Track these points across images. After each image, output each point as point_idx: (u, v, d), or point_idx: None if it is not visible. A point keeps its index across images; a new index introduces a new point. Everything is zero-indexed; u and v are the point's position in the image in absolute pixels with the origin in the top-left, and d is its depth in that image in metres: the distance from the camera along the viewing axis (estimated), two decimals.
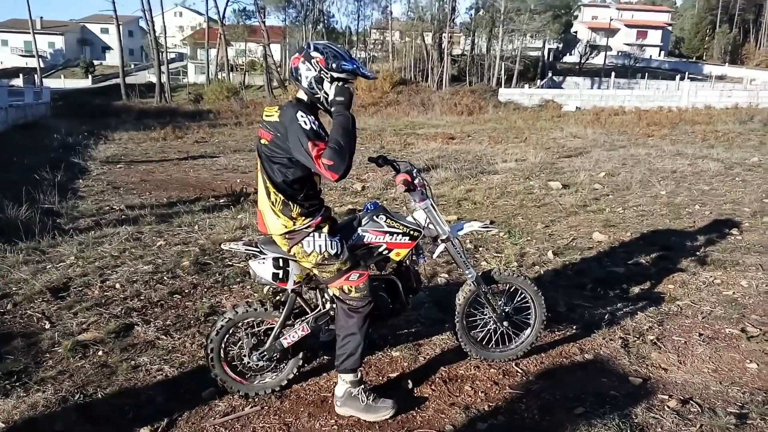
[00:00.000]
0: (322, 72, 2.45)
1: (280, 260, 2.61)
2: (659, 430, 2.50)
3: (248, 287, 4.29)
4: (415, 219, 2.81)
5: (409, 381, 2.93)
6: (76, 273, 4.49)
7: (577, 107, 28.49)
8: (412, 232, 2.74)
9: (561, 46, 60.65)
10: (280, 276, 2.63)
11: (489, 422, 2.60)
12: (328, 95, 2.48)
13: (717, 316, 3.77)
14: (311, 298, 2.88)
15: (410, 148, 13.88)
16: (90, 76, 56.40)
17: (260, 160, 2.52)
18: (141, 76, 53.53)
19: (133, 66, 59.90)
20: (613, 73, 37.64)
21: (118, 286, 4.25)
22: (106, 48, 67.12)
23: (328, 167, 2.27)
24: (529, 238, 5.73)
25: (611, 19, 61.40)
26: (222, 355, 2.73)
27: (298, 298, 2.81)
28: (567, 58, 60.44)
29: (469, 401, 2.78)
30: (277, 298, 2.87)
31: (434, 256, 2.94)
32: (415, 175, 2.72)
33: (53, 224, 5.91)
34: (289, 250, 2.57)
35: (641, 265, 4.83)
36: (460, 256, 2.93)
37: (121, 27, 42.44)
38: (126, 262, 4.76)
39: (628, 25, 68.70)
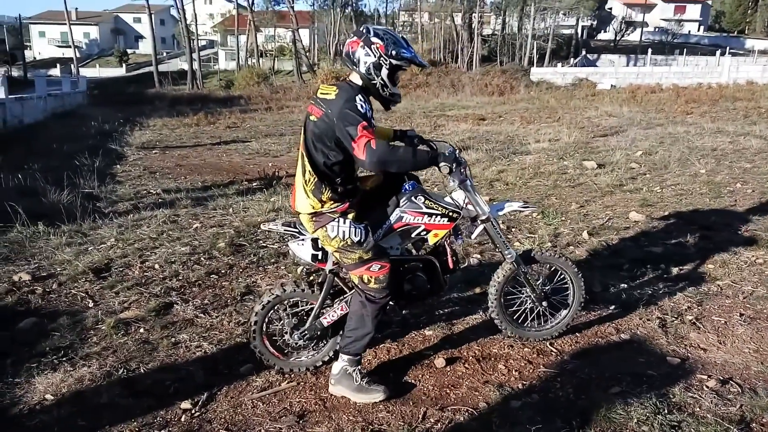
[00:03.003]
0: (381, 58, 2.44)
1: (319, 241, 2.63)
2: (697, 409, 2.46)
3: (282, 267, 4.36)
4: (453, 200, 2.78)
5: (443, 358, 2.94)
6: (116, 254, 4.62)
7: (612, 85, 27.75)
8: (451, 213, 2.71)
9: (595, 23, 58.93)
10: (319, 257, 2.67)
11: (523, 400, 2.59)
12: (384, 82, 2.48)
13: (759, 296, 3.66)
14: (349, 279, 2.92)
15: (440, 130, 13.76)
16: (124, 65, 57.50)
17: (304, 137, 2.51)
18: (173, 64, 54.31)
19: (165, 54, 60.75)
20: (649, 50, 36.48)
21: (157, 266, 4.36)
22: (139, 37, 68.27)
23: (369, 151, 2.27)
24: (563, 218, 5.64)
25: None
26: (264, 330, 2.79)
27: (336, 279, 2.82)
28: (601, 36, 58.80)
29: (503, 379, 2.78)
30: (311, 278, 2.90)
31: (473, 236, 2.89)
32: (456, 156, 2.67)
33: (93, 208, 6.08)
34: (313, 232, 2.59)
35: (680, 244, 4.71)
36: (500, 236, 2.89)
37: (152, 16, 42.96)
38: (164, 244, 4.88)
39: (665, 0, 66.26)
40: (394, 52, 2.44)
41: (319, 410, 2.56)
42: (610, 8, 61.59)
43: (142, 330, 3.35)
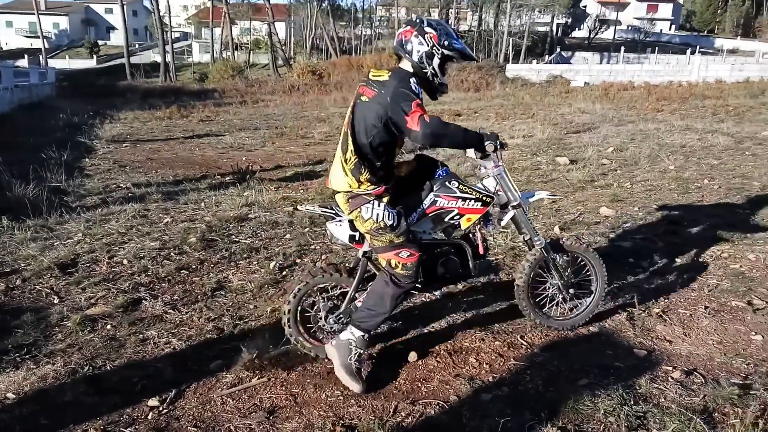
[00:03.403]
0: (434, 48, 2.54)
1: (342, 225, 2.74)
2: (662, 400, 2.51)
3: (255, 263, 4.31)
4: (484, 186, 2.85)
5: (415, 353, 2.95)
6: (83, 249, 4.52)
7: (585, 83, 28.11)
8: (484, 198, 2.78)
9: (570, 20, 59.68)
10: (356, 238, 2.74)
11: (493, 393, 2.61)
12: (435, 71, 2.58)
13: (723, 289, 3.75)
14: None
15: None
16: (95, 57, 56.21)
17: (352, 117, 2.57)
18: (146, 56, 53.31)
19: (137, 46, 59.59)
20: (622, 48, 37.05)
21: (125, 261, 4.28)
22: (111, 28, 66.80)
23: (423, 123, 2.37)
24: (536, 213, 5.69)
25: None
26: (298, 318, 2.86)
27: (369, 263, 2.87)
28: (576, 33, 59.56)
29: (474, 373, 2.80)
30: (339, 262, 3.04)
31: (503, 222, 2.96)
32: (500, 140, 2.72)
33: (60, 202, 5.93)
34: (349, 213, 2.66)
35: (648, 239, 4.79)
36: (529, 223, 2.98)
37: (125, 7, 42.08)
38: (133, 239, 4.79)
39: None
40: (446, 42, 2.54)
41: (289, 406, 2.54)
42: (585, 6, 62.39)
43: (109, 326, 3.28)
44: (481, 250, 2.87)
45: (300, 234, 4.97)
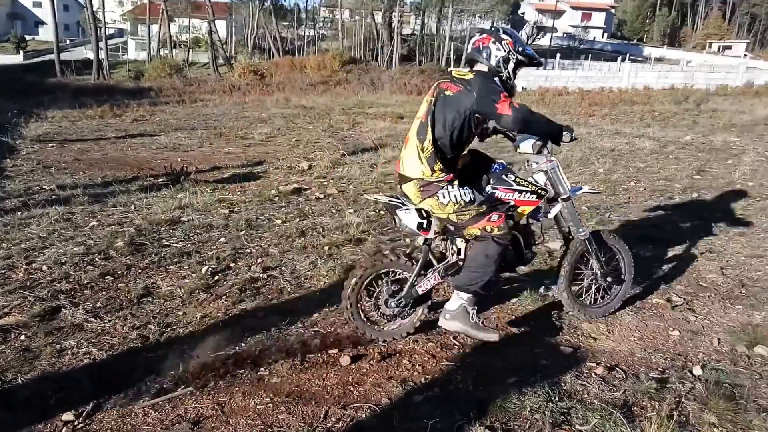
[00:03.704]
0: (510, 53, 2.83)
1: (423, 211, 2.88)
2: (586, 396, 2.59)
3: (186, 267, 4.17)
4: (534, 180, 3.08)
5: (348, 356, 2.92)
6: None
7: (523, 87, 28.91)
8: (539, 191, 3.02)
9: (509, 27, 61.29)
10: (424, 225, 2.90)
11: (424, 394, 2.62)
12: (509, 75, 2.86)
13: (645, 286, 3.93)
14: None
15: (359, 127, 13.77)
16: (21, 52, 53.07)
17: (433, 109, 2.78)
18: (77, 53, 50.76)
19: (68, 42, 56.62)
20: (558, 55, 38.30)
21: (45, 268, 4.05)
22: (40, 23, 63.34)
23: (514, 108, 2.63)
24: None
25: (557, 1, 62.41)
26: (359, 304, 3.02)
27: (429, 251, 3.05)
28: None
29: (407, 375, 2.80)
30: (395, 248, 3.32)
31: (550, 215, 3.16)
32: (572, 136, 2.98)
33: None
34: (420, 202, 2.85)
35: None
36: (576, 215, 3.21)
37: (55, 0, 40.01)
38: (55, 244, 4.54)
39: (573, 7, 70.09)
40: (520, 49, 2.84)
41: (216, 416, 2.46)
42: (523, 13, 64.32)
43: (23, 337, 3.08)
44: (531, 240, 3.13)
45: (235, 237, 4.85)
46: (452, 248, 3.09)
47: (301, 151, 9.80)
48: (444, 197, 2.79)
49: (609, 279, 3.33)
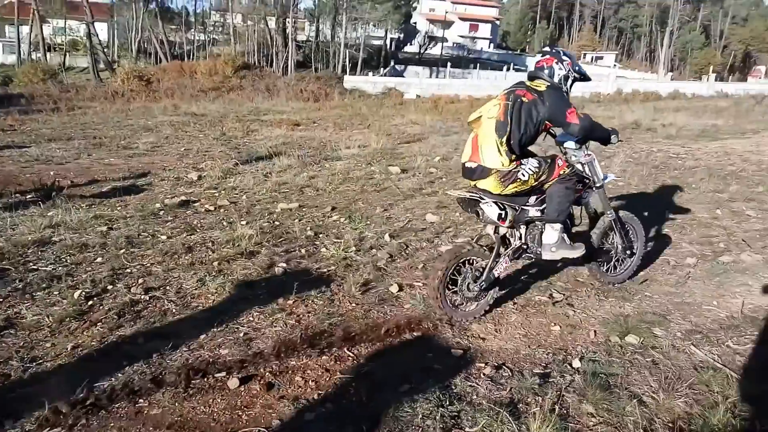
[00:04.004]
0: (569, 72, 3.51)
1: (499, 204, 3.37)
2: (475, 397, 2.66)
3: (56, 293, 3.79)
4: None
5: (236, 378, 2.80)
6: None
7: (417, 95, 29.78)
8: (585, 180, 3.72)
9: (402, 36, 62.91)
10: (502, 216, 3.40)
11: (317, 411, 2.57)
12: (568, 90, 3.51)
13: (530, 285, 4.14)
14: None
15: (253, 135, 13.43)
16: None
17: (511, 111, 3.30)
18: None
19: None
20: (448, 63, 39.99)
21: None
22: None
23: (580, 118, 3.31)
24: (368, 222, 5.82)
25: (446, 12, 65.00)
26: (445, 284, 3.36)
27: (501, 240, 3.59)
28: (408, 48, 62.90)
29: (299, 392, 2.73)
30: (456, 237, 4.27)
31: (589, 199, 3.83)
32: (619, 138, 3.78)
33: None
34: (503, 191, 3.37)
35: (467, 241, 5.13)
36: (606, 199, 3.86)
37: None
38: None
39: (461, 18, 73.29)
40: (577, 68, 3.53)
41: None
42: (415, 23, 66.22)
43: None
44: (574, 222, 3.82)
45: (114, 257, 4.50)
46: (516, 234, 3.64)
47: (191, 161, 9.35)
48: (524, 176, 3.36)
49: (627, 252, 4.00)
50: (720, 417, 2.48)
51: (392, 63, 47.17)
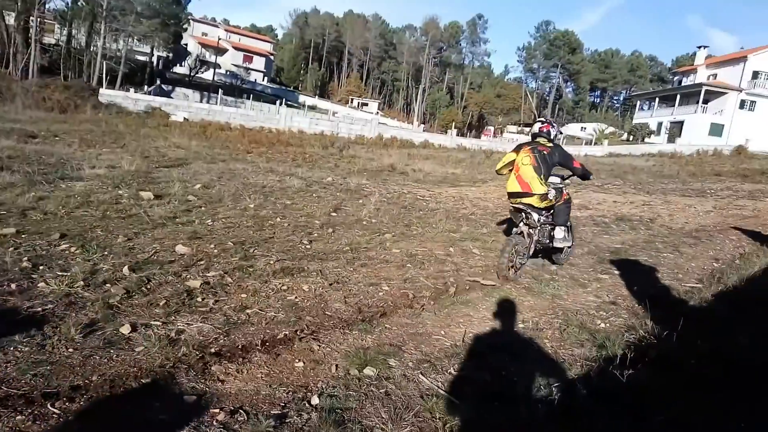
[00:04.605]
0: (557, 132, 6.01)
1: (537, 212, 5.81)
2: None
3: None
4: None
5: None
6: None
7: (185, 118, 28.29)
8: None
9: (171, 55, 59.65)
10: (540, 220, 5.87)
11: None
12: (559, 143, 6.06)
13: (279, 320, 4.04)
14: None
15: None
16: None
17: (540, 159, 5.65)
18: None
19: None
20: (220, 90, 38.96)
21: None
22: None
23: (580, 165, 5.89)
24: (106, 252, 5.15)
25: (219, 39, 63.79)
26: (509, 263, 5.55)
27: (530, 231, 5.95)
28: (178, 69, 59.80)
29: None
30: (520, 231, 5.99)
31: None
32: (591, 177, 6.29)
33: None
34: (540, 203, 5.74)
35: (220, 275, 4.87)
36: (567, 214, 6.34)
37: None
38: None
39: (236, 48, 72.71)
40: (560, 129, 5.58)
41: None
42: (186, 44, 63.51)
43: None
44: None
45: None
46: (535, 232, 5.89)
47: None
48: (551, 195, 5.76)
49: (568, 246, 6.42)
50: None
51: (159, 82, 44.19)
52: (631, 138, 49.77)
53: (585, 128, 59.61)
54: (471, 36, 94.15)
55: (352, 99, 76.67)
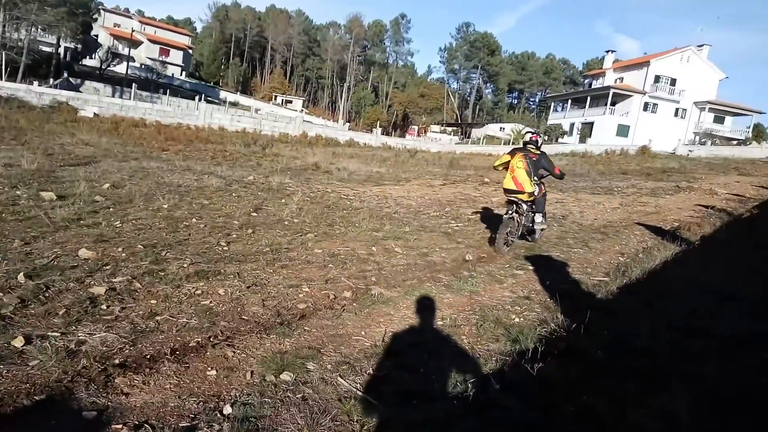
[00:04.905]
0: (542, 141, 7.74)
1: (527, 204, 7.43)
2: None
3: None
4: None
5: None
6: None
7: (95, 114, 26.72)
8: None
9: (80, 47, 56.12)
10: (527, 209, 7.49)
11: None
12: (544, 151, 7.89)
13: (191, 327, 3.87)
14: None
15: None
16: None
17: (530, 164, 7.27)
18: None
19: None
20: (134, 85, 36.98)
21: None
22: None
23: (560, 170, 7.84)
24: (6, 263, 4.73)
25: (133, 30, 60.68)
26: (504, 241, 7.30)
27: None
28: (87, 61, 56.37)
29: None
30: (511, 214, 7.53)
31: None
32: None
33: None
34: (529, 197, 7.32)
35: (127, 280, 4.60)
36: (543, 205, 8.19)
37: None
38: None
39: (151, 40, 69.44)
40: (545, 138, 9.94)
41: None
42: (96, 35, 60.00)
43: None
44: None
45: None
46: (522, 216, 7.45)
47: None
48: (537, 191, 7.36)
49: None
50: None
51: (66, 74, 41.37)
52: (546, 138, 52.16)
53: (504, 128, 61.76)
54: (395, 35, 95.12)
55: (275, 96, 75.33)
